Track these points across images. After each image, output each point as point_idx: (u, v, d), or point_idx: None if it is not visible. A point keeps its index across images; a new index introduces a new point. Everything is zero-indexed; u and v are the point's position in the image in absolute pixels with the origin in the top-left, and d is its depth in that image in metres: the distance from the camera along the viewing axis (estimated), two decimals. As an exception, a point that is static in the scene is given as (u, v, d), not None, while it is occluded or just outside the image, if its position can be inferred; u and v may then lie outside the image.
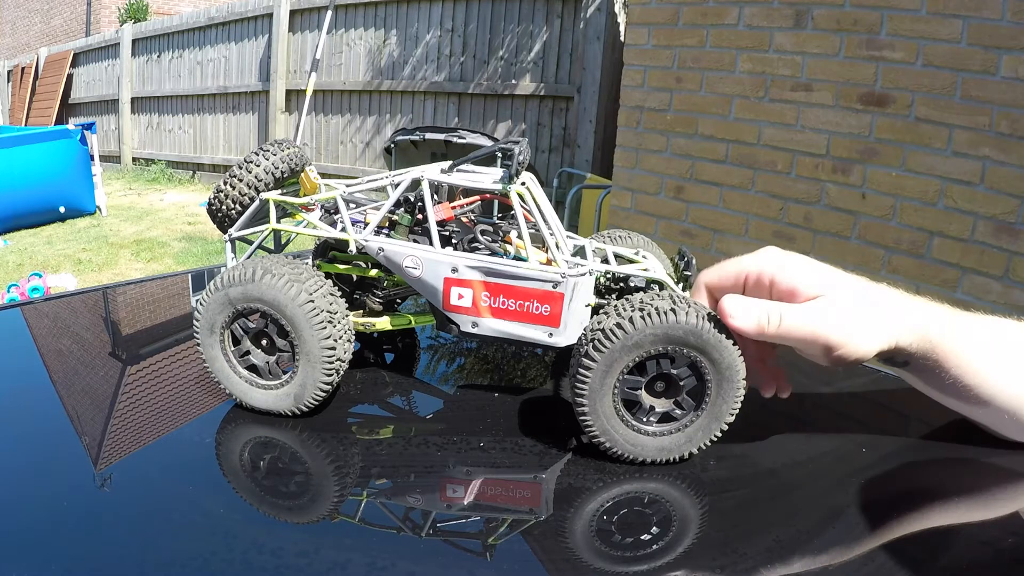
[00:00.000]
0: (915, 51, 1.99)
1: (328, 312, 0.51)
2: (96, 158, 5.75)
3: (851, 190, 2.17)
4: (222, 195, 0.63)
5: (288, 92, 6.26)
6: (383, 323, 0.60)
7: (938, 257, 1.99)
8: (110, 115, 8.23)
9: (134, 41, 7.86)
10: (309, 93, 5.98)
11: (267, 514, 0.44)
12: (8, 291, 3.46)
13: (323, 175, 0.65)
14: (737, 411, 0.48)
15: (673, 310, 0.46)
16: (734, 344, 0.47)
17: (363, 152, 5.86)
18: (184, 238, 5.06)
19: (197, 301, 0.53)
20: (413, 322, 0.60)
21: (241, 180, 0.62)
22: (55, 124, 7.56)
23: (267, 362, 0.53)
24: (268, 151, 0.63)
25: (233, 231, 0.61)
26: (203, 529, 0.42)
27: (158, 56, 7.66)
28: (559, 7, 4.69)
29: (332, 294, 0.52)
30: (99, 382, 0.65)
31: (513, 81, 4.92)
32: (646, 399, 0.49)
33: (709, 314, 0.46)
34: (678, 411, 0.49)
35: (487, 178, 0.56)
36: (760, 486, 0.51)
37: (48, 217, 5.42)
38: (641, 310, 0.46)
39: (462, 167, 0.57)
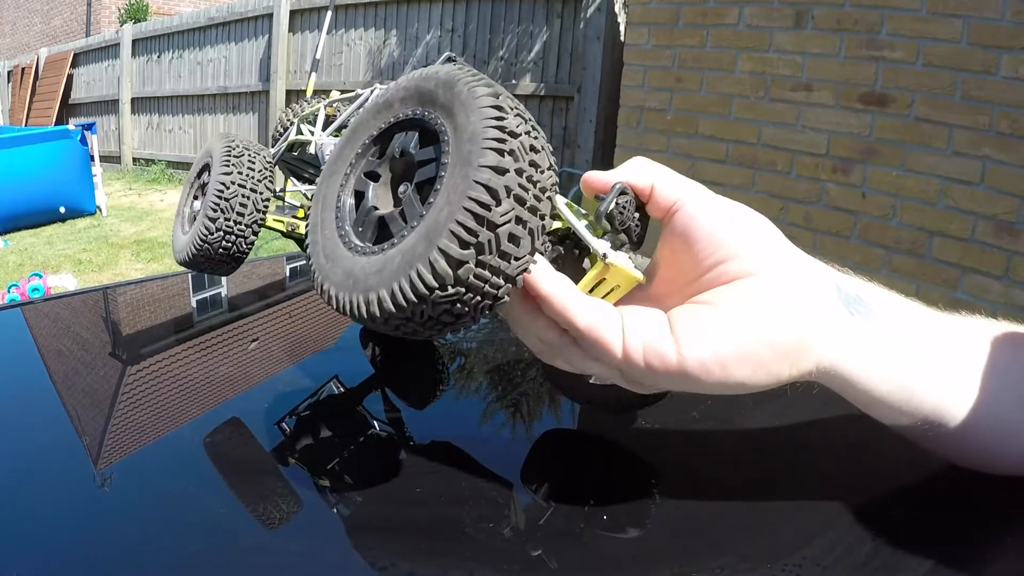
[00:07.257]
0: (915, 51, 1.99)
1: None
2: (96, 158, 5.76)
3: (851, 190, 2.17)
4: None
5: (288, 92, 6.26)
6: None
7: (938, 257, 1.99)
8: (110, 115, 8.23)
9: (134, 41, 7.86)
10: (309, 93, 5.98)
11: (267, 514, 0.44)
12: (8, 291, 3.46)
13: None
14: (463, 235, 0.32)
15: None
16: (497, 119, 0.34)
17: (363, 152, 5.86)
18: (184, 238, 5.06)
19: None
20: None
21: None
22: (55, 124, 7.57)
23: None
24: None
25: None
26: (203, 529, 0.42)
27: (158, 56, 7.65)
28: (559, 7, 4.69)
29: None
30: (99, 382, 0.65)
31: (513, 81, 4.92)
32: (372, 193, 0.39)
33: (473, 72, 0.37)
34: (399, 220, 0.36)
35: None
36: (759, 486, 0.51)
37: (48, 217, 5.42)
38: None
39: None
